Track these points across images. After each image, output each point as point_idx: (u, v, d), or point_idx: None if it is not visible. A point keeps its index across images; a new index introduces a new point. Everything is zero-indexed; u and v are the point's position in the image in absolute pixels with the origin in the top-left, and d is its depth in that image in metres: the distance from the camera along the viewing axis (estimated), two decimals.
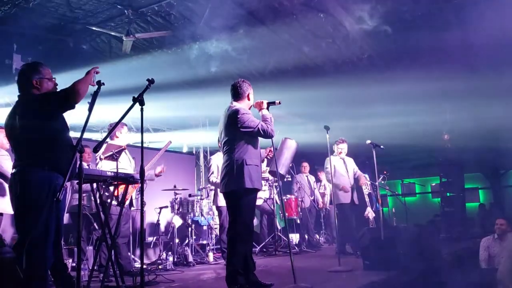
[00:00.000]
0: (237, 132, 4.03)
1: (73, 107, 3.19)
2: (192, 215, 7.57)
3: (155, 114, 10.05)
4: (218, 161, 6.44)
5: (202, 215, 7.63)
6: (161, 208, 7.28)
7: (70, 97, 3.11)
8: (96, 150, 3.04)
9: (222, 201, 6.46)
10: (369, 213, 9.02)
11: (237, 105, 4.18)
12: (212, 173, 6.81)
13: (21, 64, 7.36)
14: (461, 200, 10.89)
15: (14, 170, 3.14)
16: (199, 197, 8.02)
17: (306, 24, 7.51)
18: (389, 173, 10.46)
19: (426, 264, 5.23)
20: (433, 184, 14.50)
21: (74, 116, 3.72)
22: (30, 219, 2.94)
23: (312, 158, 9.58)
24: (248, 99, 4.28)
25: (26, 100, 3.27)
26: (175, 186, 7.56)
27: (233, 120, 4.03)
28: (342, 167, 6.94)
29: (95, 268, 5.36)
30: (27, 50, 7.57)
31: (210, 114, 11.28)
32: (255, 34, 7.83)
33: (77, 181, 2.99)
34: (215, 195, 6.87)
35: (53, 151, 3.11)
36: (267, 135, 4.02)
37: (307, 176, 9.53)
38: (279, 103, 4.23)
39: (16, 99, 3.37)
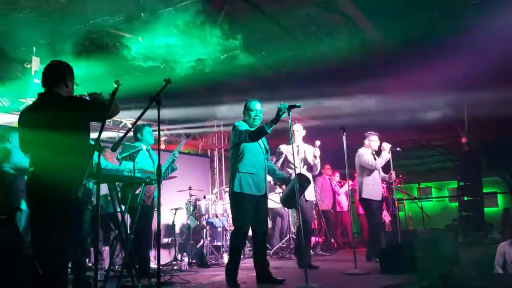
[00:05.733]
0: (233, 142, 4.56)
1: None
2: (207, 216, 7.58)
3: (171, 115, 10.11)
4: (287, 151, 5.88)
5: (217, 216, 7.64)
6: (176, 209, 7.30)
7: (110, 115, 3.09)
8: (114, 149, 3.06)
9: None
10: (385, 216, 8.95)
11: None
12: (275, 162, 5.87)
13: (40, 67, 7.46)
14: (480, 205, 10.70)
15: (32, 168, 3.08)
16: (213, 199, 8.03)
17: (321, 25, 7.48)
18: (405, 177, 10.38)
19: (444, 268, 5.16)
20: (451, 188, 14.30)
21: None
22: (50, 219, 2.92)
23: (329, 159, 9.54)
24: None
25: (56, 101, 3.16)
26: (190, 188, 7.58)
27: (231, 132, 4.60)
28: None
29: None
30: (46, 53, 7.67)
31: (225, 116, 11.31)
32: (269, 35, 7.82)
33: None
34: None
35: (76, 151, 3.04)
36: (243, 138, 4.38)
37: (329, 178, 9.49)
38: (299, 106, 4.32)
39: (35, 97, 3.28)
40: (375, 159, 6.43)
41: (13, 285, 2.56)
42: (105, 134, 9.01)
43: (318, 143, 5.87)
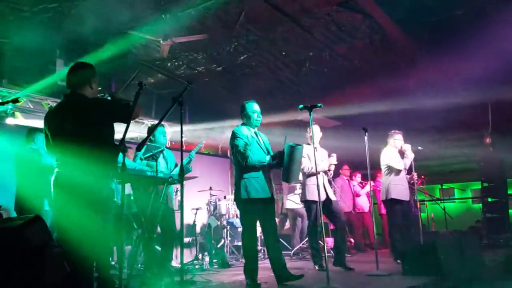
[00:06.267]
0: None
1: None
2: (227, 216, 7.62)
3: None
4: (309, 151, 5.72)
5: (237, 216, 7.67)
6: (197, 209, 7.36)
7: (134, 116, 3.12)
8: (139, 149, 3.10)
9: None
10: None
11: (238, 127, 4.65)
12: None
13: (63, 68, 7.60)
14: (504, 206, 10.47)
15: (58, 169, 3.14)
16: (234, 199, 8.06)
17: (342, 25, 7.45)
18: (428, 178, 10.24)
19: (468, 270, 5.08)
20: (474, 189, 14.04)
21: None
22: (75, 218, 2.97)
23: (350, 161, 9.48)
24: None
25: (80, 101, 3.21)
26: (211, 188, 7.63)
27: (231, 140, 4.62)
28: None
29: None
30: (69, 55, 7.81)
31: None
32: (290, 35, 7.82)
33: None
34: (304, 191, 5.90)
35: (100, 151, 3.07)
36: (240, 160, 4.46)
37: (347, 179, 9.43)
38: (321, 106, 4.40)
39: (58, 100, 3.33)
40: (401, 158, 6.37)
41: (42, 281, 2.62)
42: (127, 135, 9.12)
43: (334, 155, 5.90)
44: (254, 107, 4.70)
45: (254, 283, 4.31)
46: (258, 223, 4.69)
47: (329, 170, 5.83)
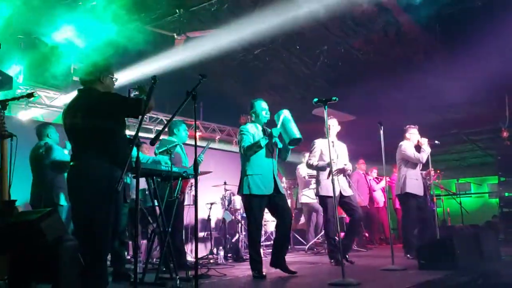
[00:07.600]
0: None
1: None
2: (241, 211, 7.62)
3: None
4: (322, 145, 5.79)
5: None
6: (211, 204, 7.38)
7: (144, 111, 3.12)
8: (152, 143, 3.11)
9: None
10: None
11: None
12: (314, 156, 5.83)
13: (79, 64, 7.66)
14: None
15: (73, 163, 3.17)
16: None
17: (357, 18, 7.38)
18: (444, 172, 10.13)
19: (485, 265, 5.01)
20: (490, 184, 13.85)
21: None
22: (89, 212, 3.00)
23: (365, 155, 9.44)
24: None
25: (91, 96, 3.25)
26: (225, 183, 7.64)
27: (238, 135, 4.82)
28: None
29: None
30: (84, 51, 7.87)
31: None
32: (304, 29, 7.76)
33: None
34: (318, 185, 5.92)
35: (113, 145, 3.12)
36: (240, 150, 4.71)
37: (364, 174, 9.39)
38: (336, 100, 4.37)
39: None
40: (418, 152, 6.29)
41: (57, 274, 2.65)
42: (142, 129, 9.18)
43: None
44: (262, 105, 4.85)
45: (260, 275, 4.49)
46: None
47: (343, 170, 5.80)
